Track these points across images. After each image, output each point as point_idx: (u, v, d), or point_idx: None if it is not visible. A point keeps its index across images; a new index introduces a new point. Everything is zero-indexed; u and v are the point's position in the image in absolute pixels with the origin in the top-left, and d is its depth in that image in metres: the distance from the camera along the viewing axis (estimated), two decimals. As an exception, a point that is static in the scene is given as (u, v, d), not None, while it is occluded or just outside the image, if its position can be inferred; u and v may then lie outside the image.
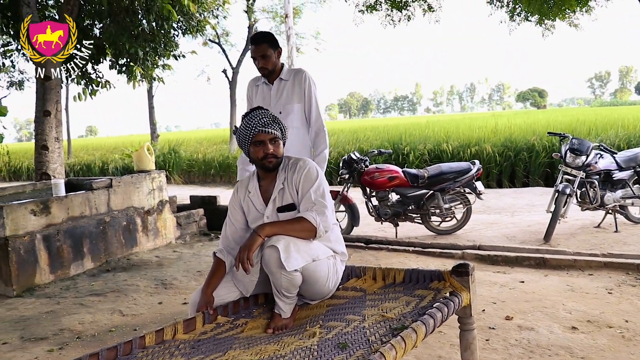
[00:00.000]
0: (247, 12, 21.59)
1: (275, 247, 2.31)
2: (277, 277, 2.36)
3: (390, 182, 6.62)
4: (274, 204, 2.63)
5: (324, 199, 2.55)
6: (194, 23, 9.68)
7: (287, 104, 3.71)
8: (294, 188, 2.59)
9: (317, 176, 2.59)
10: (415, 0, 9.42)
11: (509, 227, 7.02)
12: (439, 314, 2.20)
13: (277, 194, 2.63)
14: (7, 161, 22.66)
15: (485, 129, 15.88)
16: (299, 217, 2.49)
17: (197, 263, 5.75)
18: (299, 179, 2.58)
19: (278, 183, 2.63)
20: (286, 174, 2.63)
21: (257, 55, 3.64)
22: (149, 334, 2.22)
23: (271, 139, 2.58)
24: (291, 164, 2.65)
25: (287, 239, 2.37)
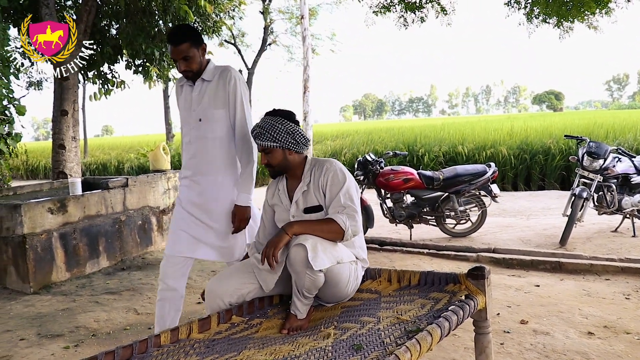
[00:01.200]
0: (262, 13, 21.66)
1: (303, 246, 2.30)
2: (301, 276, 2.36)
3: (405, 184, 6.60)
4: (297, 205, 2.65)
5: (353, 203, 2.53)
6: (210, 24, 9.71)
7: (208, 109, 3.07)
8: (320, 190, 2.59)
9: (345, 179, 2.57)
10: (428, 2, 9.38)
11: (525, 230, 6.97)
12: (454, 317, 2.19)
13: (300, 195, 2.64)
14: (25, 160, 22.92)
15: (500, 131, 15.78)
16: (328, 219, 2.47)
17: (211, 263, 5.76)
18: (325, 182, 2.57)
19: (302, 184, 2.64)
20: (312, 176, 2.63)
21: (178, 57, 3.01)
22: (164, 333, 2.23)
23: (262, 150, 2.63)
24: (318, 165, 2.65)
25: (315, 238, 2.37)
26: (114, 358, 2.03)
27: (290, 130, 2.58)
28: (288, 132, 2.58)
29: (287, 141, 2.58)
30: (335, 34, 24.07)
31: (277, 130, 2.57)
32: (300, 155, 2.68)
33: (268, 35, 22.11)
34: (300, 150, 2.64)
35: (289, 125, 2.59)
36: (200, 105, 3.09)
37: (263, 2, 21.51)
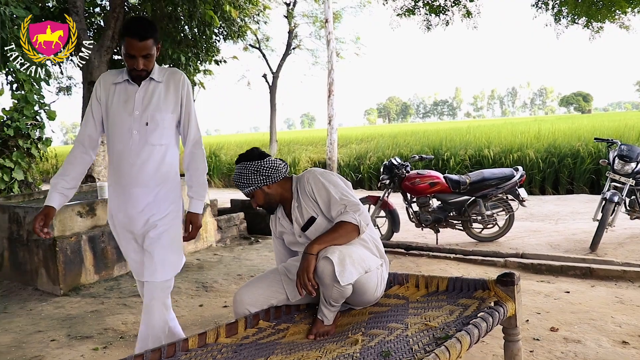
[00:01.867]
0: (287, 17, 21.72)
1: (330, 260, 2.31)
2: (329, 289, 2.36)
3: (432, 188, 6.55)
4: (298, 223, 2.70)
5: (348, 196, 2.58)
6: (235, 29, 9.79)
7: (157, 113, 2.76)
8: (310, 199, 2.64)
9: (326, 179, 2.64)
10: (453, 5, 9.31)
11: (553, 235, 6.86)
12: (483, 324, 2.16)
13: (296, 213, 2.69)
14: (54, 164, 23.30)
15: (527, 134, 15.58)
16: (339, 222, 2.49)
17: (237, 266, 5.79)
18: (311, 189, 2.64)
19: (294, 202, 2.72)
20: (298, 191, 2.70)
21: (139, 54, 2.62)
22: (192, 337, 2.24)
23: (247, 196, 2.75)
24: (299, 179, 2.73)
25: (341, 250, 2.37)
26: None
27: (256, 169, 2.67)
28: (255, 172, 2.66)
29: (258, 180, 2.66)
30: (360, 37, 24.05)
31: (245, 176, 2.67)
32: (281, 183, 2.73)
33: (292, 39, 22.16)
34: (275, 180, 2.70)
35: (253, 165, 2.67)
36: (147, 108, 2.75)
37: (287, 7, 21.58)
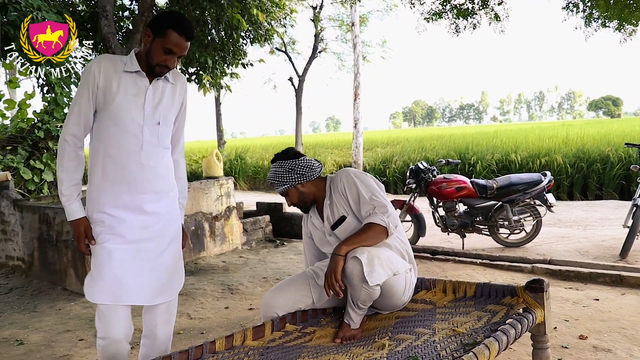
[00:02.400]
0: (313, 20, 21.76)
1: (359, 260, 2.32)
2: (357, 290, 2.36)
3: (458, 193, 6.50)
4: (328, 221, 2.72)
5: (378, 196, 2.60)
6: (262, 32, 9.84)
7: (168, 114, 2.58)
8: (342, 198, 2.67)
9: (359, 177, 2.66)
10: (481, 8, 9.23)
11: (582, 241, 6.76)
12: (512, 331, 2.14)
13: (328, 211, 2.72)
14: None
15: (555, 138, 15.39)
16: (368, 224, 2.50)
17: (262, 269, 5.81)
18: (343, 187, 2.66)
19: (326, 200, 2.74)
20: (331, 189, 2.73)
21: (181, 52, 2.44)
22: (219, 340, 2.25)
23: (282, 195, 2.78)
24: (333, 178, 2.76)
25: (370, 251, 2.38)
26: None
27: (291, 168, 2.70)
28: (289, 170, 2.70)
29: (293, 179, 2.70)
30: (386, 40, 24.00)
31: (280, 174, 2.71)
32: (315, 183, 2.76)
33: (319, 42, 22.19)
34: (310, 179, 2.73)
35: (288, 163, 2.72)
36: (158, 107, 2.53)
37: (314, 10, 21.62)
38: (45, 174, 7.56)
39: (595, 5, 8.65)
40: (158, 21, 2.38)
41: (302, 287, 2.70)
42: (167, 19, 2.36)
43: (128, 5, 10.09)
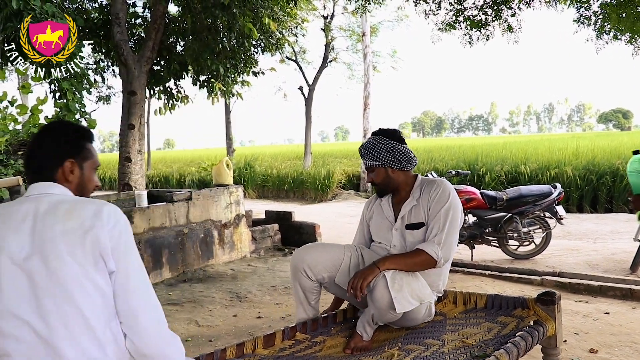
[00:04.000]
0: (324, 30, 21.86)
1: (388, 289, 2.30)
2: (382, 314, 2.36)
3: (468, 204, 6.49)
4: (403, 220, 2.68)
5: (451, 224, 2.54)
6: (273, 41, 9.89)
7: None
8: (427, 205, 2.62)
9: (450, 198, 2.59)
10: (495, 19, 9.25)
11: (591, 254, 6.72)
12: (522, 343, 2.13)
13: (407, 210, 2.67)
14: (92, 171, 23.82)
15: (565, 151, 15.33)
16: (419, 250, 2.49)
17: (271, 278, 5.81)
18: (433, 197, 2.61)
19: (411, 200, 2.68)
20: (422, 192, 2.67)
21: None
22: (230, 347, 2.25)
23: (367, 168, 2.72)
24: (429, 182, 2.70)
25: (402, 279, 2.37)
26: (181, 370, 2.06)
27: (391, 149, 2.63)
28: (389, 150, 2.63)
29: (388, 159, 2.63)
30: (396, 50, 24.06)
31: (378, 149, 2.63)
32: (406, 174, 2.71)
33: (329, 52, 22.27)
34: (403, 168, 2.68)
35: (390, 144, 2.64)
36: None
37: (325, 20, 21.72)
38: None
39: (606, 19, 8.65)
40: (75, 146, 1.72)
41: (336, 257, 2.70)
42: (81, 135, 1.76)
43: (140, 12, 10.17)
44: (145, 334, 1.58)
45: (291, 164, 21.23)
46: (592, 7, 8.99)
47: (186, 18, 8.94)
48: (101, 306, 1.52)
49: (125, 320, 1.57)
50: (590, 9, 9.01)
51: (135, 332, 1.57)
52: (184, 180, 20.75)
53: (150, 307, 1.62)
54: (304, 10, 17.83)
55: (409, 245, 2.61)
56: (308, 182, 16.97)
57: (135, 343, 1.57)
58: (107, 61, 10.84)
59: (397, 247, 2.64)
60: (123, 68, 8.47)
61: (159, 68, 9.86)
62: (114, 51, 8.85)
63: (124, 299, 1.56)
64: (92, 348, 1.49)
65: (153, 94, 10.38)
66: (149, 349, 1.60)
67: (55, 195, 1.61)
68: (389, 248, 2.67)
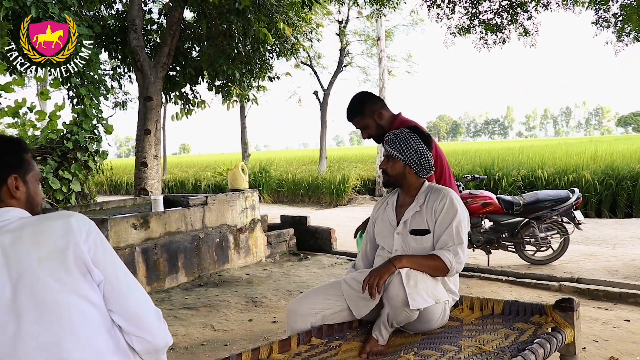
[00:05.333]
0: (339, 35, 21.87)
1: (403, 285, 2.30)
2: (397, 312, 2.34)
3: (484, 209, 6.44)
4: (405, 224, 2.66)
5: (461, 238, 2.53)
6: (288, 46, 9.91)
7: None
8: (433, 214, 2.59)
9: (459, 211, 2.58)
10: (510, 23, 9.18)
11: (610, 260, 6.63)
12: (540, 350, 2.11)
13: (410, 215, 2.65)
14: (109, 176, 24.03)
15: (583, 155, 15.17)
16: (435, 256, 2.47)
17: (286, 282, 5.81)
18: (440, 208, 2.58)
19: (415, 205, 2.65)
20: (427, 199, 2.64)
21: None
22: (246, 352, 2.25)
23: (386, 156, 2.68)
24: (434, 190, 2.66)
25: (417, 276, 2.36)
26: (196, 375, 2.07)
27: (419, 151, 2.61)
28: (417, 151, 2.61)
29: (412, 159, 2.61)
30: (412, 55, 24.00)
31: (407, 145, 2.61)
32: (418, 179, 2.70)
33: (344, 56, 22.28)
34: (420, 174, 2.67)
35: (421, 145, 2.62)
36: None
37: (339, 24, 21.74)
38: (73, 184, 7.67)
39: (626, 20, 8.54)
40: (15, 159, 1.64)
41: (332, 295, 2.67)
42: (17, 146, 1.67)
43: (156, 19, 10.25)
44: (153, 329, 1.56)
45: (306, 169, 21.23)
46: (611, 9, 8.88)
47: (201, 24, 8.98)
48: (99, 319, 1.49)
49: (129, 322, 1.53)
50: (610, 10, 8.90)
51: (145, 330, 1.55)
52: (200, 185, 20.83)
53: (147, 301, 1.59)
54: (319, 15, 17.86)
55: (411, 251, 2.59)
56: (323, 186, 16.93)
57: (149, 340, 1.55)
58: (124, 67, 10.93)
59: (399, 251, 2.62)
60: (139, 74, 8.53)
61: (174, 74, 9.92)
62: (130, 57, 8.92)
63: (123, 303, 1.53)
64: None
65: (169, 100, 10.45)
66: (161, 341, 1.58)
67: (11, 221, 1.51)
68: (390, 253, 2.65)
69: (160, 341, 1.58)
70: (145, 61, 8.40)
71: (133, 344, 1.55)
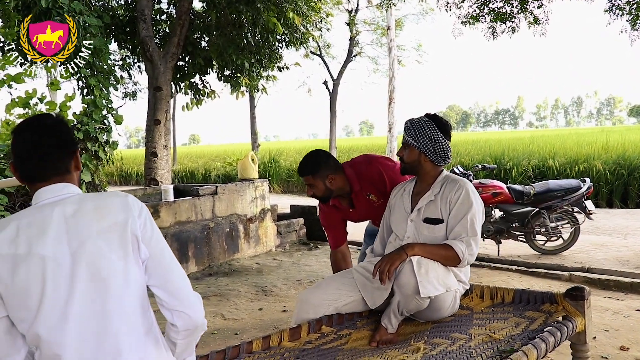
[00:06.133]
0: (348, 24, 21.78)
1: (414, 273, 2.30)
2: (408, 300, 2.35)
3: (494, 198, 6.42)
4: (419, 212, 2.66)
5: (475, 230, 2.53)
6: (297, 35, 9.88)
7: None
8: (447, 205, 2.59)
9: (475, 203, 2.57)
10: (520, 12, 9.09)
11: (622, 250, 6.59)
12: (551, 339, 2.10)
13: (424, 203, 2.65)
14: (119, 166, 24.15)
15: (594, 145, 15.06)
16: (447, 245, 2.47)
17: (296, 272, 5.82)
18: (456, 198, 2.57)
19: (429, 194, 2.65)
20: (442, 189, 2.63)
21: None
22: (257, 340, 2.26)
23: (403, 143, 2.69)
24: (451, 180, 2.65)
25: (428, 264, 2.36)
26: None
27: (434, 139, 2.61)
28: (432, 139, 2.61)
29: (427, 147, 2.61)
30: (421, 44, 23.86)
31: (422, 132, 2.61)
32: (435, 167, 2.69)
33: (353, 46, 22.20)
34: (436, 162, 2.66)
35: (437, 133, 2.61)
36: None
37: (349, 14, 21.65)
38: (83, 175, 7.69)
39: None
40: (72, 137, 1.72)
41: (345, 285, 2.69)
42: (66, 122, 1.73)
43: (165, 9, 10.24)
44: (194, 306, 1.61)
45: (316, 159, 21.18)
46: (625, -4, 8.76)
47: (211, 13, 8.97)
48: (138, 298, 1.54)
49: (173, 297, 1.58)
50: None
51: (186, 305, 1.59)
52: (210, 175, 20.88)
53: (188, 280, 1.65)
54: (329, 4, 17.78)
55: (423, 239, 2.59)
56: (333, 177, 16.90)
57: (190, 315, 1.59)
58: (133, 57, 10.94)
59: (411, 239, 2.62)
60: (149, 64, 8.54)
61: (183, 64, 9.92)
62: (139, 47, 8.93)
63: (168, 277, 1.58)
64: (132, 340, 1.51)
65: (179, 90, 10.46)
66: (199, 319, 1.63)
67: (72, 195, 1.57)
68: (402, 240, 2.65)
69: (199, 319, 1.62)
70: (155, 51, 8.40)
71: (173, 320, 1.59)
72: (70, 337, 1.44)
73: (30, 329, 1.45)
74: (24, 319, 1.45)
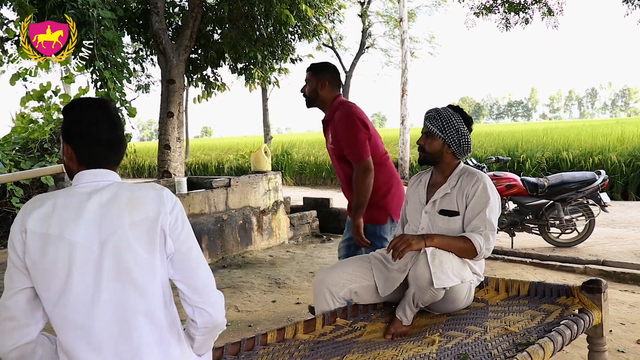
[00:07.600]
0: (361, 16, 21.72)
1: (429, 265, 2.29)
2: (422, 292, 2.34)
3: (508, 191, 6.39)
4: (434, 204, 2.65)
5: (492, 224, 2.51)
6: (310, 28, 9.86)
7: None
8: (464, 198, 2.57)
9: (492, 196, 2.55)
10: (534, 2, 9.00)
11: (637, 242, 6.54)
12: (567, 332, 2.09)
13: (440, 196, 2.64)
14: (132, 159, 24.26)
15: (609, 136, 14.91)
16: (465, 238, 2.46)
17: (309, 264, 5.83)
18: (473, 192, 2.55)
19: (446, 186, 2.64)
20: (459, 182, 2.62)
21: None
22: (271, 332, 2.27)
23: (426, 132, 2.65)
24: (468, 173, 2.63)
25: (442, 255, 2.35)
26: (223, 354, 2.09)
27: (460, 131, 2.59)
28: (458, 131, 2.59)
29: (452, 138, 2.59)
30: (434, 36, 23.74)
31: (449, 123, 2.59)
32: (454, 159, 2.68)
33: (366, 38, 22.15)
34: (457, 154, 2.65)
35: (462, 126, 2.60)
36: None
37: (362, 5, 21.58)
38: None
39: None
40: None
41: (361, 268, 2.68)
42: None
43: (178, 1, 10.26)
44: (216, 304, 1.62)
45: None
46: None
47: (223, 6, 8.98)
48: (162, 293, 1.55)
49: (196, 293, 1.59)
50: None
51: (208, 302, 1.60)
52: (222, 168, 20.93)
53: (213, 278, 1.65)
54: (341, -3, 17.71)
55: (437, 231, 2.58)
56: (345, 169, 16.89)
57: (211, 313, 1.60)
58: (146, 50, 10.98)
59: (424, 230, 2.62)
60: (162, 57, 8.56)
61: (196, 56, 9.93)
62: (152, 40, 8.96)
63: (193, 273, 1.59)
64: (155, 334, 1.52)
65: (191, 82, 10.48)
66: (220, 317, 1.64)
67: (113, 183, 1.59)
68: (416, 231, 2.65)
69: (219, 317, 1.63)
70: (168, 44, 8.42)
71: (194, 316, 1.60)
72: (98, 324, 1.46)
73: (55, 311, 1.46)
74: (47, 299, 1.47)
